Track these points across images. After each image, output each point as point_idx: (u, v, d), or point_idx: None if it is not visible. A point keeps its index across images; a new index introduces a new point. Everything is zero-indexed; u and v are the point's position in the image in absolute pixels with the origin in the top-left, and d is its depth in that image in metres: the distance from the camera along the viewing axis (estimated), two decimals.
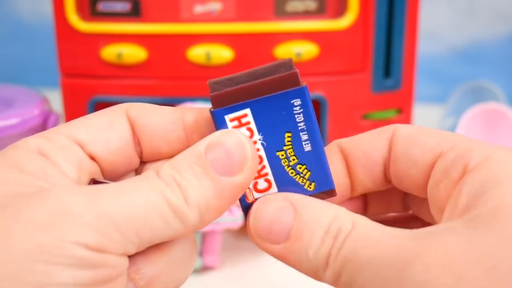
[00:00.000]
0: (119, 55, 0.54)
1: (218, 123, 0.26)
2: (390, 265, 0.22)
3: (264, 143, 0.26)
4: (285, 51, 0.54)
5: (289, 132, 0.26)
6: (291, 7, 0.54)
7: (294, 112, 0.26)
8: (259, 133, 0.26)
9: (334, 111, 0.57)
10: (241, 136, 0.25)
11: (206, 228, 0.52)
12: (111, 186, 0.24)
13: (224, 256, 0.56)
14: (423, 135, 0.26)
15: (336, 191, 0.27)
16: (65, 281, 0.22)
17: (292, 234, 0.25)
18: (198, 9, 0.54)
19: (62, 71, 0.56)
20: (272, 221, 0.25)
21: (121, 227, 0.23)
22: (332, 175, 0.27)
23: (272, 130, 0.26)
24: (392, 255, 0.22)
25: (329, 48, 0.55)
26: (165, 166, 0.25)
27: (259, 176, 0.26)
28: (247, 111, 0.26)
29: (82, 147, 0.26)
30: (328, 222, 0.24)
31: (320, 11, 0.55)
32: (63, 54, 0.55)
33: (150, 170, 0.25)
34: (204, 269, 0.54)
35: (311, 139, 0.26)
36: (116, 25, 0.54)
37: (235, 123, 0.26)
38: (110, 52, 0.54)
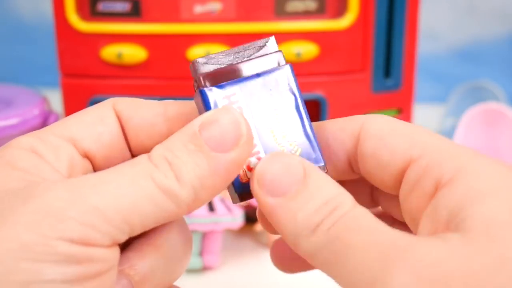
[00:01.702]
0: (119, 55, 0.54)
1: (207, 103, 0.26)
2: (374, 260, 0.22)
3: (254, 121, 0.26)
4: (285, 51, 0.54)
5: (278, 109, 0.26)
6: (291, 7, 0.54)
7: (281, 90, 0.27)
8: (250, 111, 0.26)
9: (334, 111, 0.57)
10: (235, 113, 0.25)
11: (206, 228, 0.52)
12: (94, 175, 0.23)
13: (224, 256, 0.56)
14: (392, 137, 0.25)
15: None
16: (52, 278, 0.22)
17: (292, 192, 0.24)
18: (198, 9, 0.54)
19: (62, 71, 0.56)
20: (279, 172, 0.24)
21: (107, 217, 0.22)
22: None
23: (261, 108, 0.26)
24: (379, 251, 0.22)
25: (329, 48, 0.55)
26: (157, 147, 0.24)
27: (251, 155, 0.26)
28: (236, 89, 0.26)
29: (74, 143, 0.26)
30: (329, 195, 0.24)
31: (320, 11, 0.55)
32: (63, 54, 0.55)
33: (141, 155, 0.24)
34: (204, 269, 0.54)
35: (298, 113, 0.27)
36: (116, 25, 0.54)
37: (225, 101, 0.26)
38: (110, 52, 0.54)
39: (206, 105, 0.26)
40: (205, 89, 0.26)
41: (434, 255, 0.21)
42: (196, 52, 0.54)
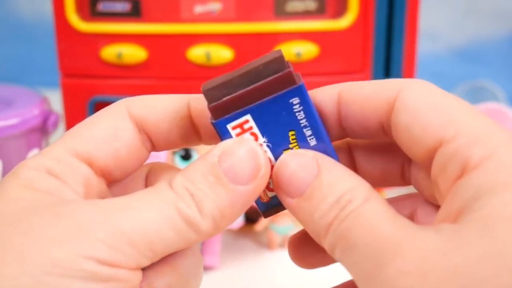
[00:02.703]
0: (119, 55, 0.54)
1: (222, 133, 0.26)
2: (374, 255, 0.22)
3: (270, 144, 0.26)
4: (285, 51, 0.54)
5: (293, 130, 0.26)
6: (291, 7, 0.54)
7: (294, 110, 0.26)
8: (263, 136, 0.26)
9: None
10: (253, 145, 0.25)
11: None
12: (122, 200, 0.24)
13: (224, 256, 0.56)
14: (427, 112, 0.24)
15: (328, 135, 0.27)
16: None
17: (307, 192, 0.24)
18: (198, 9, 0.54)
19: (62, 71, 0.56)
20: (293, 173, 0.25)
21: (134, 242, 0.23)
22: (324, 120, 0.27)
23: (275, 131, 0.26)
24: (379, 246, 0.22)
25: (329, 48, 0.55)
26: (178, 177, 0.25)
27: (270, 177, 0.26)
28: (248, 117, 0.26)
29: (91, 164, 0.26)
30: (342, 191, 0.24)
31: (320, 11, 0.55)
32: (63, 54, 0.55)
33: (162, 182, 0.25)
34: (204, 269, 0.54)
35: (315, 133, 0.26)
36: (116, 25, 0.54)
37: (238, 130, 0.26)
38: (110, 52, 0.54)
39: (220, 136, 0.26)
40: (216, 121, 0.26)
41: (421, 249, 0.21)
42: (196, 52, 0.54)
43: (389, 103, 0.25)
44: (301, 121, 0.26)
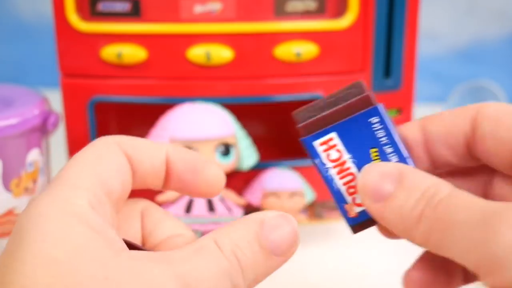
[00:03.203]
0: (119, 55, 0.54)
1: (310, 150, 0.29)
2: (478, 226, 0.24)
3: (355, 160, 0.29)
4: (285, 51, 0.54)
5: (374, 147, 0.29)
6: (291, 7, 0.54)
7: (374, 129, 0.29)
8: (348, 153, 0.29)
9: None
10: (295, 223, 0.28)
11: (206, 228, 0.52)
12: (184, 259, 0.26)
13: None
14: (509, 116, 0.27)
15: (415, 165, 0.29)
16: None
17: (393, 193, 0.27)
18: (198, 9, 0.54)
19: (62, 71, 0.56)
20: (377, 179, 0.27)
21: None
22: (411, 150, 0.30)
23: (358, 148, 0.29)
24: (480, 218, 0.24)
25: (329, 48, 0.55)
26: (224, 238, 0.27)
27: (356, 192, 0.29)
28: (333, 134, 0.29)
29: (110, 197, 0.28)
30: (426, 186, 0.26)
31: (320, 11, 0.55)
32: (63, 54, 0.55)
33: (207, 240, 0.27)
34: None
35: (396, 151, 0.29)
36: (116, 25, 0.54)
37: (324, 146, 0.29)
38: (110, 52, 0.54)
39: (308, 152, 0.30)
40: (304, 139, 0.29)
41: None
42: (196, 52, 0.54)
43: (472, 119, 0.28)
44: (381, 139, 0.29)
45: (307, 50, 0.55)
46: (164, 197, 0.53)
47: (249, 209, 0.59)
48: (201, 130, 0.52)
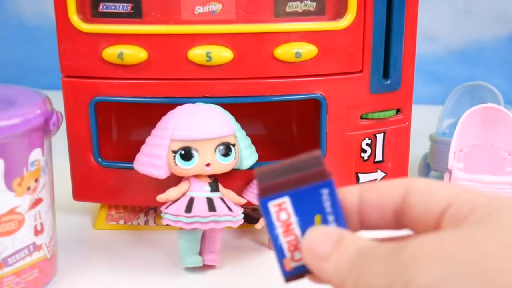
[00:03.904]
0: (120, 56, 0.54)
1: (263, 208, 0.33)
2: (389, 269, 0.28)
3: (301, 223, 0.33)
4: (284, 51, 0.55)
5: (319, 214, 0.33)
6: (290, 8, 0.55)
7: (323, 199, 0.33)
8: (295, 216, 0.33)
9: (333, 111, 0.57)
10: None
11: (206, 227, 0.52)
12: None
13: (224, 255, 0.56)
14: (434, 191, 0.32)
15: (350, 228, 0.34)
16: None
17: (332, 252, 0.32)
18: (199, 10, 0.54)
19: (63, 71, 0.56)
20: (322, 239, 0.32)
21: None
22: (347, 215, 0.34)
23: (306, 213, 0.33)
24: (385, 254, 0.29)
25: (328, 48, 0.55)
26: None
27: (296, 249, 0.34)
28: (286, 199, 0.33)
29: None
30: (359, 245, 0.32)
31: (319, 12, 0.55)
32: (64, 54, 0.55)
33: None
34: (205, 268, 0.55)
35: (337, 220, 0.33)
36: (117, 26, 0.54)
37: (276, 208, 0.33)
38: (111, 52, 0.54)
39: (262, 211, 0.33)
40: (261, 199, 0.33)
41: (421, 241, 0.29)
42: (196, 53, 0.54)
43: (403, 191, 0.33)
44: (326, 208, 0.33)
45: (307, 50, 0.55)
46: (164, 196, 0.53)
47: (250, 209, 0.59)
48: (201, 130, 0.52)
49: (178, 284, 0.53)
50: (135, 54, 0.54)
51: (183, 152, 0.52)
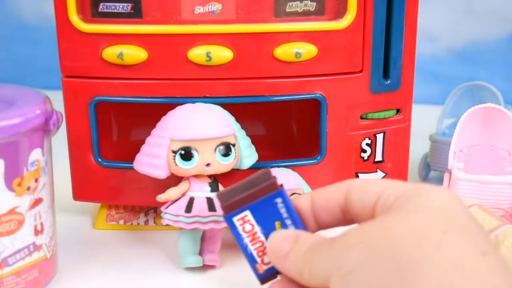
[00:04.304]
0: (120, 56, 0.54)
1: (229, 224, 0.39)
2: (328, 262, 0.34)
3: (264, 231, 0.39)
4: (284, 51, 0.55)
5: (278, 221, 0.39)
6: (290, 8, 0.55)
7: (278, 207, 0.39)
8: (258, 225, 0.39)
9: (333, 111, 0.57)
10: None
11: (206, 227, 0.52)
12: None
13: (224, 255, 0.56)
14: (369, 186, 0.37)
15: (307, 229, 0.39)
16: None
17: (291, 250, 0.37)
18: (199, 10, 0.54)
19: (63, 71, 0.56)
20: (282, 240, 0.38)
21: None
22: (304, 219, 0.39)
23: (266, 221, 0.39)
24: (326, 246, 0.35)
25: (328, 48, 0.55)
26: None
27: (264, 254, 0.39)
28: (247, 212, 0.39)
29: None
30: (313, 241, 0.37)
31: (319, 12, 0.55)
32: (64, 54, 0.55)
33: None
34: (204, 268, 0.55)
35: (294, 223, 0.39)
36: (117, 26, 0.54)
37: (241, 221, 0.39)
38: (111, 52, 0.54)
39: (229, 227, 0.39)
40: (226, 216, 0.39)
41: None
42: (196, 53, 0.54)
43: (345, 191, 0.38)
44: (283, 214, 0.39)
45: (307, 50, 0.55)
46: (164, 196, 0.53)
47: None
48: (201, 130, 0.52)
49: (178, 284, 0.53)
50: (135, 54, 0.54)
51: (183, 152, 0.52)
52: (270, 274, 0.39)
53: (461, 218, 0.33)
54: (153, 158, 0.53)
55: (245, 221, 0.39)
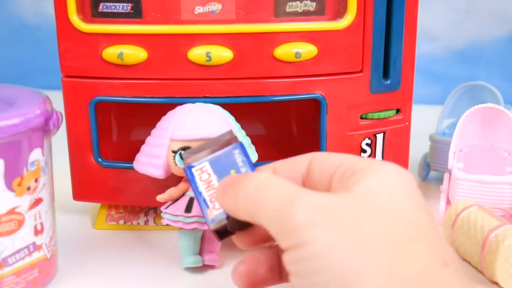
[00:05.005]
0: (120, 56, 0.54)
1: (189, 174, 0.42)
2: (282, 204, 0.34)
3: (218, 179, 0.41)
4: (284, 51, 0.55)
5: (233, 169, 0.41)
6: (290, 8, 0.55)
7: (235, 157, 0.42)
8: (214, 174, 0.41)
9: (333, 111, 0.57)
10: None
11: (206, 227, 0.52)
12: None
13: (224, 255, 0.56)
14: (331, 157, 0.39)
15: None
16: None
17: (235, 182, 0.38)
18: (199, 10, 0.54)
19: (63, 71, 0.56)
20: (227, 179, 0.39)
21: None
22: None
23: (222, 171, 0.41)
24: (285, 198, 0.35)
25: (328, 48, 0.55)
26: None
27: (216, 200, 0.40)
28: (206, 163, 0.42)
29: None
30: (256, 173, 0.39)
31: (319, 12, 0.55)
32: (64, 54, 0.55)
33: None
34: (204, 268, 0.55)
35: (248, 169, 0.41)
36: (117, 26, 0.54)
37: (199, 171, 0.42)
38: (111, 52, 0.54)
39: (188, 176, 0.42)
40: (186, 167, 0.42)
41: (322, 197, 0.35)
42: (196, 53, 0.54)
43: (308, 161, 0.40)
44: (239, 164, 0.41)
45: (307, 50, 0.55)
46: (164, 196, 0.53)
47: None
48: (201, 130, 0.52)
49: (178, 284, 0.53)
50: (135, 54, 0.54)
51: (183, 152, 0.52)
52: (219, 219, 0.40)
53: (419, 218, 0.34)
54: (153, 158, 0.53)
55: (203, 171, 0.42)
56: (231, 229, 0.41)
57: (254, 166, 0.41)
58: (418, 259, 0.32)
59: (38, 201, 0.49)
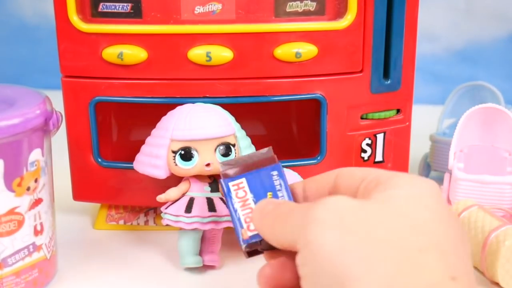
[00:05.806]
0: (120, 56, 0.54)
1: (225, 188, 0.42)
2: (300, 220, 0.35)
3: (254, 199, 0.41)
4: (284, 51, 0.55)
5: (270, 192, 0.41)
6: (290, 7, 0.55)
7: (273, 179, 0.42)
8: (250, 193, 0.41)
9: (333, 111, 0.57)
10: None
11: (206, 227, 0.52)
12: None
13: (224, 255, 0.56)
14: (355, 171, 0.39)
15: None
16: None
17: (270, 211, 0.39)
18: (199, 9, 0.54)
19: (63, 71, 0.56)
20: (266, 203, 0.40)
21: None
22: (297, 200, 0.42)
23: (259, 190, 0.41)
24: (301, 216, 0.35)
25: (328, 48, 0.55)
26: None
27: (251, 221, 0.40)
28: (243, 180, 0.42)
29: None
30: (289, 207, 0.38)
31: (319, 12, 0.55)
32: (64, 54, 0.55)
33: None
34: (204, 269, 0.55)
35: (285, 196, 0.41)
36: (117, 26, 0.54)
37: (236, 187, 0.41)
38: (111, 52, 0.54)
39: (224, 191, 0.42)
40: (223, 180, 0.42)
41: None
42: (196, 53, 0.54)
43: (335, 177, 0.40)
44: (276, 187, 0.41)
45: (307, 50, 0.55)
46: (164, 196, 0.53)
47: None
48: (201, 130, 0.52)
49: (178, 284, 0.53)
50: (135, 54, 0.54)
51: (183, 152, 0.52)
52: (253, 241, 0.40)
53: (437, 230, 0.34)
54: (153, 158, 0.53)
55: (240, 187, 0.41)
56: (262, 250, 0.41)
57: (290, 190, 0.42)
58: (425, 270, 0.31)
59: (38, 202, 0.49)
